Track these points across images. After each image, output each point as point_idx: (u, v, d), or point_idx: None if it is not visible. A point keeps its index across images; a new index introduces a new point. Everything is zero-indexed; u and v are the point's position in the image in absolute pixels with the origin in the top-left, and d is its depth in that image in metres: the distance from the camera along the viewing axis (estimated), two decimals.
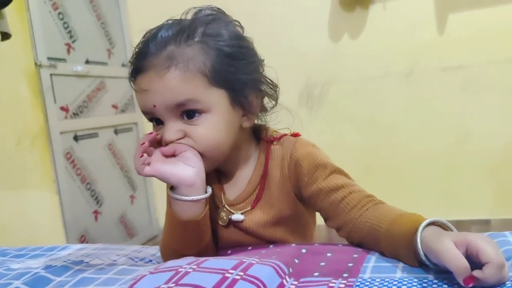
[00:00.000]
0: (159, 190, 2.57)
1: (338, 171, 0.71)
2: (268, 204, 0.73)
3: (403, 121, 2.24)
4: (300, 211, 0.74)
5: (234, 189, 0.74)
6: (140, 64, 0.64)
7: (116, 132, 2.36)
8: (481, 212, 2.18)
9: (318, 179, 0.70)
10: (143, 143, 0.64)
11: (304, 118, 2.45)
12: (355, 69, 2.28)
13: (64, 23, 2.08)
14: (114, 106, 2.36)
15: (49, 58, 1.96)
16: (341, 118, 2.33)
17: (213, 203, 0.71)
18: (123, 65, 2.49)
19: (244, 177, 0.74)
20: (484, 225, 2.17)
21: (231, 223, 0.73)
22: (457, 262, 0.49)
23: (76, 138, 2.08)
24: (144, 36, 0.67)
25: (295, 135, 0.75)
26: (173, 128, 0.64)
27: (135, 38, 2.58)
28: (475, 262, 0.50)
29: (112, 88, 2.35)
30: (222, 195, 0.74)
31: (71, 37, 2.12)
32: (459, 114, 2.15)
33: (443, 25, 2.13)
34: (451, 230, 0.57)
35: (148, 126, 3.05)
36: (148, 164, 0.63)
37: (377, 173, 2.29)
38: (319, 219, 0.78)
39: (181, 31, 0.64)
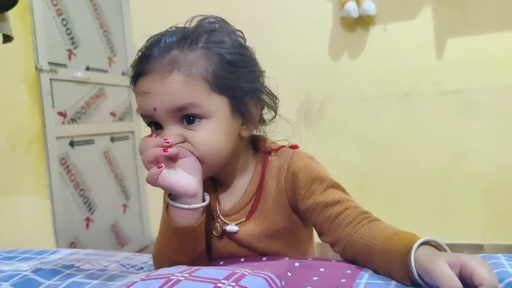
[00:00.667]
0: (152, 200, 2.56)
1: (335, 186, 0.71)
2: (263, 216, 0.72)
3: (399, 141, 2.25)
4: (296, 224, 0.74)
5: (229, 199, 0.74)
6: (142, 67, 0.65)
7: (112, 139, 2.35)
8: (474, 235, 2.18)
9: (315, 192, 0.70)
10: (157, 148, 0.62)
11: (302, 134, 2.45)
12: (353, 88, 2.30)
13: (67, 29, 2.10)
14: (112, 114, 2.36)
15: (50, 63, 1.97)
16: (338, 136, 2.34)
17: (208, 213, 0.71)
18: (123, 73, 2.50)
19: (240, 188, 0.74)
20: (476, 249, 2.16)
21: (225, 234, 0.73)
22: (450, 282, 0.49)
23: (72, 144, 2.07)
24: (147, 41, 0.68)
25: (293, 147, 0.75)
26: (173, 132, 0.64)
27: (137, 47, 2.59)
28: (468, 284, 0.50)
29: (111, 95, 2.35)
30: (217, 205, 0.73)
31: (73, 43, 2.13)
32: (454, 137, 2.17)
33: (442, 49, 2.16)
34: (445, 251, 0.57)
35: (145, 135, 3.03)
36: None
37: (371, 192, 2.29)
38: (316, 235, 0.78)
39: (184, 37, 0.65)
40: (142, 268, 0.73)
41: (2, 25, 1.66)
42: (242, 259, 0.72)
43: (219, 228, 0.73)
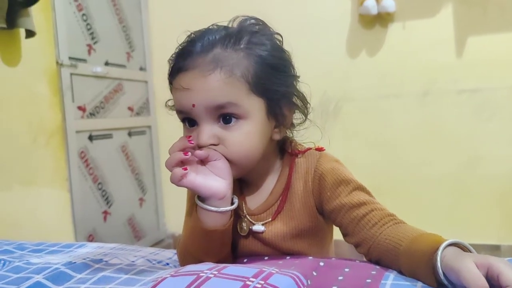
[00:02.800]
0: (168, 195, 2.58)
1: (361, 188, 0.72)
2: (289, 217, 0.73)
3: (415, 141, 2.23)
4: (320, 225, 0.75)
5: (255, 199, 0.75)
6: (184, 63, 0.65)
7: (130, 134, 2.38)
8: (490, 237, 2.16)
9: (341, 194, 0.70)
10: (178, 152, 0.63)
11: (317, 132, 2.45)
12: (370, 86, 2.29)
13: (87, 24, 2.12)
14: (130, 109, 2.39)
15: (70, 58, 2.00)
16: (353, 135, 2.33)
17: (234, 212, 0.72)
18: (141, 68, 2.52)
19: (266, 188, 0.74)
20: (493, 250, 2.14)
21: (251, 233, 0.74)
22: (477, 282, 0.49)
23: (91, 137, 2.10)
24: (188, 37, 0.68)
25: (320, 149, 0.76)
26: (209, 132, 0.64)
27: (155, 42, 2.63)
28: (495, 285, 0.50)
29: (129, 90, 2.37)
30: (243, 205, 0.74)
31: (92, 38, 2.15)
32: (472, 138, 2.15)
33: (462, 48, 2.14)
34: (471, 253, 0.57)
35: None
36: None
37: (385, 192, 2.26)
38: (336, 234, 0.78)
39: (228, 36, 0.66)
40: (167, 264, 0.74)
41: (25, 20, 1.69)
42: (266, 257, 0.73)
43: (245, 228, 0.74)
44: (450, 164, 2.19)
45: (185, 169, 0.63)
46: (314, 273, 0.62)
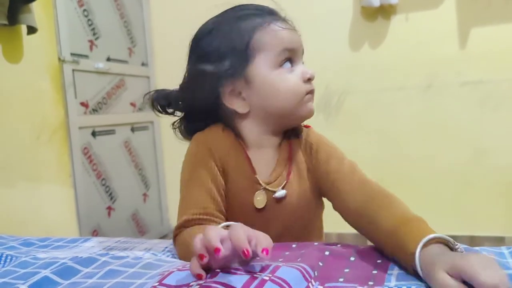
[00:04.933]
0: (172, 190, 2.59)
1: (346, 157, 0.82)
2: (298, 179, 0.79)
3: (419, 134, 2.23)
4: (317, 190, 0.81)
5: (264, 171, 0.79)
6: (281, 16, 0.80)
7: (132, 130, 2.38)
8: (495, 228, 2.15)
9: (330, 160, 0.78)
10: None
11: (320, 125, 2.45)
12: (373, 79, 2.28)
13: (88, 20, 2.12)
14: (132, 104, 2.39)
15: (72, 54, 2.00)
16: (356, 127, 2.33)
17: (244, 188, 0.77)
18: (143, 64, 2.51)
19: (271, 159, 0.80)
20: (498, 242, 2.14)
21: (268, 204, 0.77)
22: None
23: (94, 133, 2.10)
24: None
25: (307, 126, 0.85)
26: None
27: (156, 38, 2.62)
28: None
29: (131, 86, 2.37)
30: (257, 177, 0.78)
31: (94, 34, 2.15)
32: (476, 130, 2.14)
33: (465, 39, 2.13)
34: (454, 246, 0.57)
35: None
36: None
37: (389, 185, 2.26)
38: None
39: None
40: (174, 255, 0.74)
41: (26, 16, 1.69)
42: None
43: (262, 199, 0.77)
44: (455, 156, 2.18)
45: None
46: (320, 264, 0.62)
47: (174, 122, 0.84)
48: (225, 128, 0.79)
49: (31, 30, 1.72)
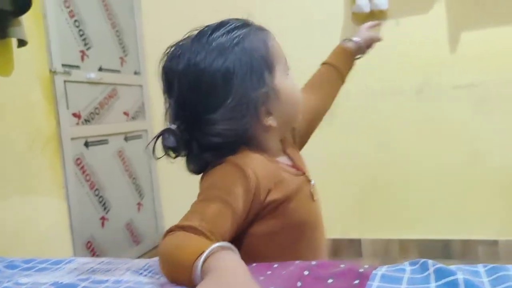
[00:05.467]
0: (166, 199, 2.59)
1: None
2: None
3: (413, 138, 2.23)
4: None
5: (297, 162, 0.86)
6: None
7: (126, 139, 2.38)
8: (490, 232, 2.15)
9: None
10: None
11: (316, 130, 2.45)
12: (366, 84, 2.28)
13: (80, 30, 2.12)
14: (125, 113, 2.39)
15: (63, 65, 2.00)
16: (352, 132, 2.33)
17: (300, 186, 0.80)
18: (135, 73, 2.52)
19: (287, 159, 0.85)
20: (492, 245, 2.14)
21: (314, 191, 0.84)
22: None
23: (86, 144, 2.10)
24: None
25: None
26: None
27: (149, 46, 2.62)
28: None
29: (124, 95, 2.37)
30: (304, 173, 0.85)
31: (85, 44, 2.15)
32: (470, 133, 2.14)
33: (456, 43, 2.13)
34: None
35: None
36: None
37: (385, 188, 2.28)
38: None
39: None
40: (158, 275, 0.74)
41: (16, 29, 1.69)
42: (254, 264, 0.72)
43: (313, 190, 0.84)
44: (449, 159, 2.18)
45: None
46: (299, 284, 0.62)
47: (175, 156, 0.76)
48: (249, 148, 0.75)
49: (21, 43, 1.72)
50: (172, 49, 0.76)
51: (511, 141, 2.08)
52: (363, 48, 1.05)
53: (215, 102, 0.70)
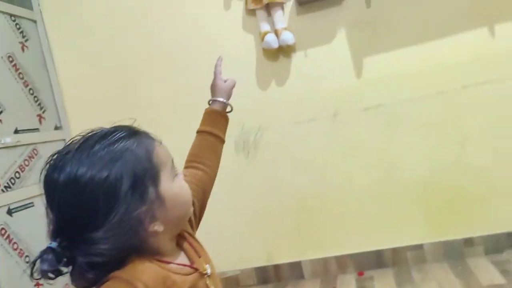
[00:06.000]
0: None
1: None
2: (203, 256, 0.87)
3: (334, 160, 2.36)
4: None
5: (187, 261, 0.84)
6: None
7: None
8: (414, 237, 2.32)
9: None
10: None
11: (242, 163, 2.53)
12: (285, 114, 2.39)
13: None
14: None
15: None
16: (277, 161, 2.42)
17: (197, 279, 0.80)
18: (56, 128, 2.47)
19: (183, 254, 0.84)
20: (418, 249, 2.31)
21: (210, 282, 0.83)
22: None
23: (10, 212, 2.03)
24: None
25: None
26: None
27: (68, 98, 2.57)
28: None
29: (46, 153, 2.31)
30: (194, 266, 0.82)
31: None
32: (384, 149, 2.30)
33: (360, 68, 2.30)
34: None
35: None
36: None
37: (316, 211, 2.39)
38: None
39: None
40: None
41: None
42: None
43: (207, 285, 0.82)
44: (369, 175, 2.33)
45: None
46: None
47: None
48: (138, 256, 0.74)
49: None
50: (54, 158, 0.73)
51: (419, 153, 2.26)
52: (228, 100, 1.13)
53: (96, 219, 0.68)
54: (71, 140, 0.75)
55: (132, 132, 0.76)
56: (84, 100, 2.58)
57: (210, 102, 1.14)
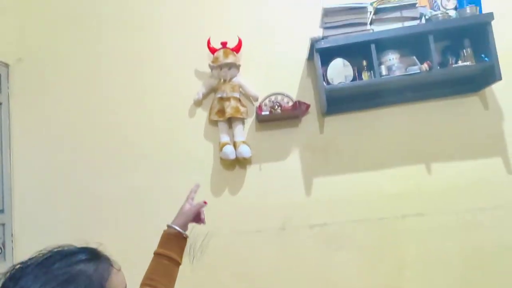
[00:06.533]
0: None
1: None
2: None
3: (277, 272, 2.39)
4: None
5: None
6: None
7: None
8: None
9: None
10: None
11: (186, 269, 2.50)
12: (234, 222, 2.44)
13: None
14: None
15: None
16: (220, 268, 2.42)
17: None
18: None
19: None
20: None
21: None
22: None
23: None
24: None
25: None
26: None
27: (13, 182, 2.47)
28: None
29: None
30: None
31: None
32: (324, 267, 2.36)
33: (310, 187, 2.43)
34: None
35: None
36: None
37: None
38: None
39: None
40: None
41: None
42: None
43: None
44: None
45: None
46: None
47: None
48: None
49: None
50: (16, 268, 0.76)
51: (357, 275, 2.34)
52: (187, 225, 1.21)
53: None
54: (39, 252, 0.79)
55: (93, 256, 0.80)
56: (31, 186, 2.54)
57: (168, 226, 1.21)
